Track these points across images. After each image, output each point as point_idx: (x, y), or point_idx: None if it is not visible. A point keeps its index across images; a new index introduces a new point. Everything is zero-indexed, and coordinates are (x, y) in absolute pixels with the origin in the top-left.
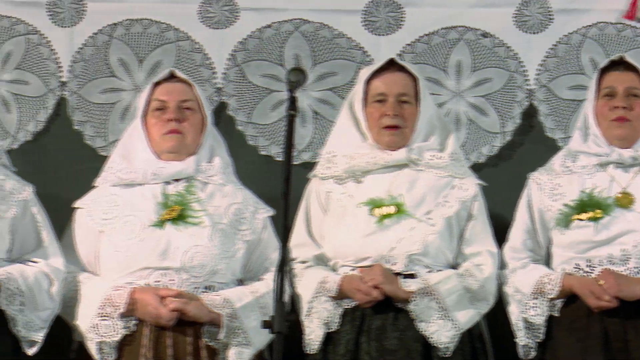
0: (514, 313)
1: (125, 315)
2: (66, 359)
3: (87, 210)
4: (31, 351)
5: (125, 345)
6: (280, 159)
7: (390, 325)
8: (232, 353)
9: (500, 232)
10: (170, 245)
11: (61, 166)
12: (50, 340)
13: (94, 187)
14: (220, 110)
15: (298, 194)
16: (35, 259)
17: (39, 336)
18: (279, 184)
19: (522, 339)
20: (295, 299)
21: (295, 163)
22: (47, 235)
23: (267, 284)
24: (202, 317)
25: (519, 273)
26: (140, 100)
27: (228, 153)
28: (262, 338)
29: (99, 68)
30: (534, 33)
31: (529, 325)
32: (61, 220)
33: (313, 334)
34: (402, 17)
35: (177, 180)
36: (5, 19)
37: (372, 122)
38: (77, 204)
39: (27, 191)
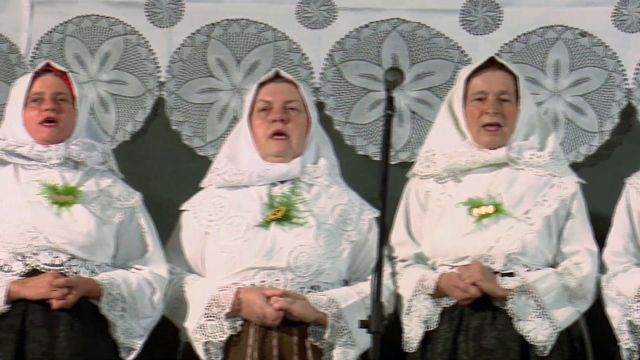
0: (616, 316)
1: (231, 315)
2: (172, 358)
3: (193, 212)
4: (129, 358)
5: (231, 346)
6: (377, 158)
7: (488, 325)
8: (337, 353)
9: (598, 231)
10: (276, 246)
11: (159, 166)
12: (157, 341)
13: (194, 187)
14: (318, 110)
15: (395, 193)
16: (139, 266)
17: (138, 344)
18: (377, 183)
19: (626, 342)
20: (395, 298)
21: (392, 163)
22: (152, 242)
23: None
24: (307, 317)
25: (620, 276)
26: (245, 100)
27: (334, 153)
28: (368, 338)
29: (197, 68)
30: (632, 32)
31: (633, 329)
32: (159, 219)
33: (412, 333)
34: (500, 17)
35: (282, 181)
36: (103, 20)
37: (471, 121)
38: (184, 206)
39: (135, 198)
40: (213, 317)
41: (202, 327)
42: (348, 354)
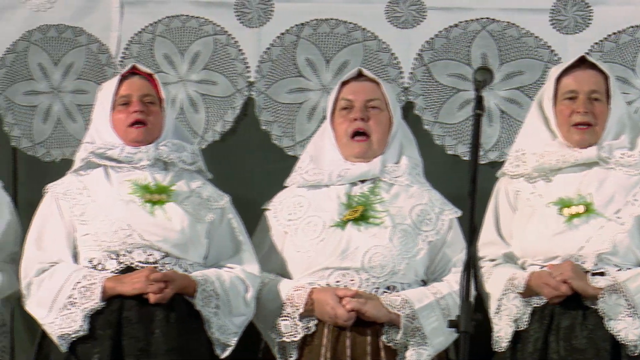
0: None
1: (305, 315)
2: (255, 358)
3: (273, 212)
4: (223, 355)
5: (305, 345)
6: (467, 158)
7: (579, 325)
8: (410, 354)
9: None
10: (351, 246)
11: (248, 166)
12: (240, 340)
13: (282, 188)
14: (407, 110)
15: (485, 193)
16: (231, 265)
17: (233, 341)
18: (466, 183)
19: None
20: (482, 298)
21: (481, 162)
22: (243, 241)
23: (449, 285)
24: (380, 317)
25: None
26: (329, 100)
27: (419, 152)
28: (441, 339)
29: (286, 68)
30: None
31: None
32: (250, 219)
33: (502, 332)
34: (589, 16)
35: (362, 181)
36: (193, 20)
37: (561, 120)
38: (266, 205)
39: (225, 200)
40: (287, 317)
41: (277, 327)
42: (422, 355)
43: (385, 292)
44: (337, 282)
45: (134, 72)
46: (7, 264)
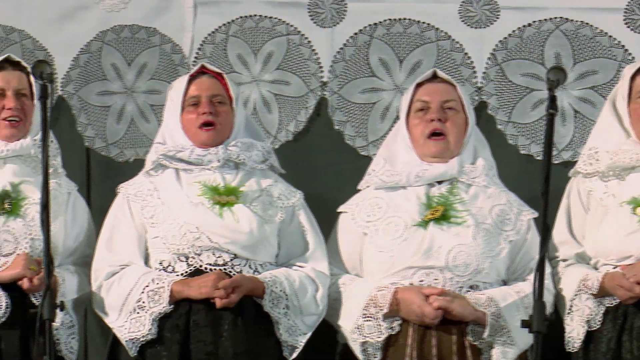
0: None
1: (389, 315)
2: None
3: (350, 214)
4: (291, 356)
5: (390, 346)
6: (540, 158)
7: None
8: (496, 352)
9: None
10: (434, 245)
11: (321, 166)
12: (315, 342)
13: (356, 187)
14: (480, 110)
15: (558, 193)
16: (301, 264)
17: (301, 342)
18: (539, 183)
19: None
20: (557, 298)
21: (555, 162)
22: (314, 240)
23: (531, 284)
24: (466, 316)
25: None
26: (403, 101)
27: (491, 154)
28: (526, 338)
29: (359, 68)
30: None
31: None
32: (323, 219)
33: (574, 332)
34: None
35: (440, 182)
36: (266, 20)
37: (635, 118)
38: (341, 208)
39: (296, 197)
40: (371, 317)
41: (360, 328)
42: (507, 354)
43: (468, 291)
44: (421, 281)
45: (203, 71)
46: (79, 267)
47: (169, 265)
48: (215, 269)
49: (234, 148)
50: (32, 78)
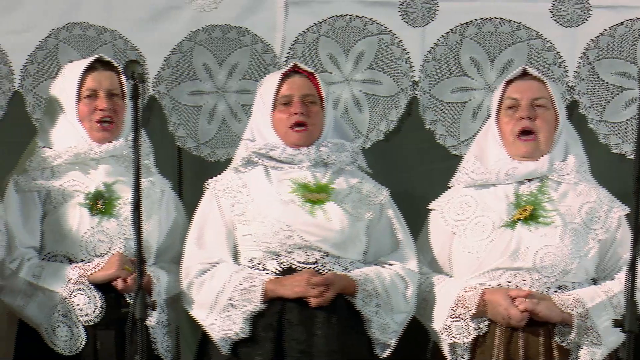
0: None
1: (477, 316)
2: (423, 358)
3: (440, 212)
4: (383, 354)
5: (477, 346)
6: (632, 157)
7: None
8: (583, 353)
9: None
10: (521, 246)
11: (413, 165)
12: (406, 340)
13: (447, 187)
14: (571, 109)
15: None
16: (390, 262)
17: (393, 340)
18: (631, 182)
19: None
20: None
21: None
22: (403, 238)
23: (620, 283)
24: (553, 317)
25: None
26: (493, 99)
27: (584, 150)
28: (614, 338)
29: (450, 67)
30: None
31: None
32: (414, 219)
33: None
34: None
35: (530, 180)
36: (357, 19)
37: None
38: (432, 205)
39: (384, 194)
40: (459, 318)
41: (448, 328)
42: (595, 354)
43: (556, 291)
44: (508, 282)
45: (295, 70)
46: (174, 264)
47: (260, 263)
48: (306, 267)
49: (324, 149)
50: (123, 78)
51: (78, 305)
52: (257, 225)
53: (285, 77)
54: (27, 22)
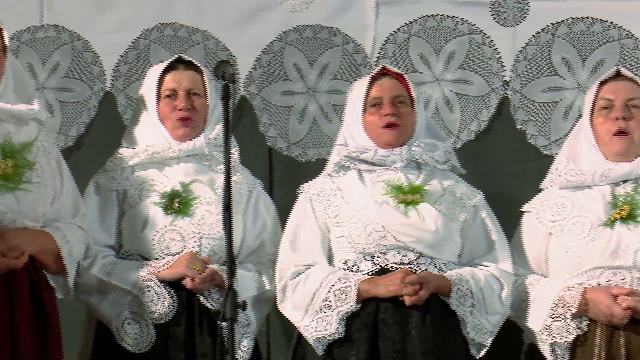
0: None
1: (577, 315)
2: (516, 359)
3: (535, 214)
4: (479, 355)
5: (577, 346)
6: None
7: None
8: None
9: None
10: (621, 244)
11: (503, 165)
12: (500, 341)
13: (538, 187)
14: None
15: None
16: (485, 263)
17: (488, 341)
18: None
19: None
20: None
21: None
22: (497, 239)
23: None
24: None
25: None
26: (586, 99)
27: None
28: None
29: (541, 67)
30: None
31: None
32: (504, 219)
33: None
34: None
35: (624, 181)
36: (448, 19)
37: None
38: (525, 207)
39: (478, 197)
40: (559, 317)
41: (548, 328)
42: None
43: None
44: (608, 281)
45: (384, 72)
46: (262, 265)
47: (354, 265)
48: (400, 268)
49: (417, 149)
50: (205, 77)
51: (147, 302)
52: (351, 226)
53: (374, 79)
54: (119, 23)
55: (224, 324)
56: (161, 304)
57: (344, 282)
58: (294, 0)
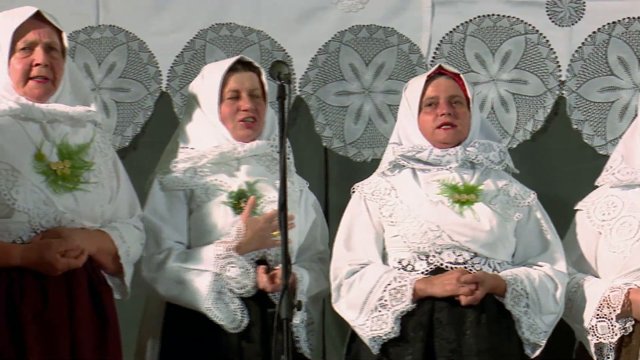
0: None
1: (622, 316)
2: (569, 358)
3: (586, 212)
4: (534, 355)
5: (622, 346)
6: None
7: None
8: None
9: None
10: None
11: (559, 165)
12: (553, 339)
13: (592, 187)
14: None
15: None
16: (539, 263)
17: (542, 341)
18: None
19: None
20: None
21: None
22: (552, 238)
23: None
24: None
25: None
26: None
27: None
28: None
29: (597, 67)
30: None
31: None
32: (559, 219)
33: None
34: None
35: None
36: (504, 19)
37: None
38: (578, 205)
39: (531, 197)
40: (604, 318)
41: (594, 328)
42: None
43: None
44: None
45: (440, 72)
46: (315, 263)
47: (409, 264)
48: (455, 268)
49: (472, 149)
50: (263, 78)
51: (234, 278)
52: (406, 225)
53: (430, 79)
54: (175, 23)
55: (294, 321)
56: (247, 277)
57: (399, 282)
58: (349, 0)
